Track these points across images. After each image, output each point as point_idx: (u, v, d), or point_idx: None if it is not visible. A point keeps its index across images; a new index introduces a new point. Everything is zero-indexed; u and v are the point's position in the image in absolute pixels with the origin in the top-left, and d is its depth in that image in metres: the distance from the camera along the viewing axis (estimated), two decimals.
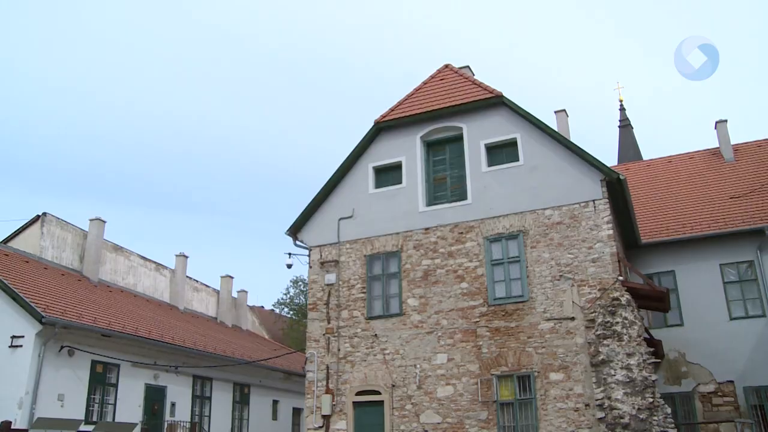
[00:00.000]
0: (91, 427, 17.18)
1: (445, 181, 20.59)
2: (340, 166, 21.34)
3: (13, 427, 14.13)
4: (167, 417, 22.17)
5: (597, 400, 16.42)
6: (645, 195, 25.00)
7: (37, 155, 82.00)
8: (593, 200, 18.22)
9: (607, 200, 18.15)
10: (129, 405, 20.66)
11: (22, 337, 18.01)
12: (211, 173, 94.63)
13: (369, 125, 21.41)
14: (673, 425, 15.79)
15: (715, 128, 26.76)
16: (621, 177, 18.23)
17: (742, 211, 21.97)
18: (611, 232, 17.90)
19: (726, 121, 26.52)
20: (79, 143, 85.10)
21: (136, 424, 18.92)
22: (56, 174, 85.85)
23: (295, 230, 21.57)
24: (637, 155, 33.90)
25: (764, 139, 26.50)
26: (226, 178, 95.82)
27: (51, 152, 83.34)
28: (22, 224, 25.36)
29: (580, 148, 18.62)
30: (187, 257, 32.04)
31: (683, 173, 26.02)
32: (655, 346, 18.47)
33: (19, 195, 75.89)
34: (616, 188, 18.58)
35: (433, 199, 20.48)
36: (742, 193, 23.02)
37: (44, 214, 25.25)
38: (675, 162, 27.10)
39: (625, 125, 35.86)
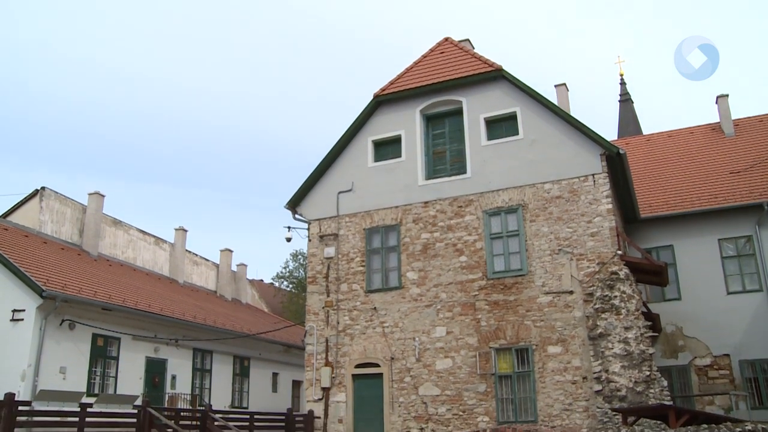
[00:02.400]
0: (93, 399, 17.31)
1: (445, 155, 20.58)
2: (339, 140, 21.31)
3: (16, 399, 14.25)
4: (168, 389, 22.33)
5: (594, 373, 16.57)
6: (644, 169, 24.97)
7: (35, 129, 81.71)
8: (593, 174, 18.24)
9: (606, 174, 18.17)
10: (130, 378, 20.80)
11: (23, 311, 18.07)
12: (210, 147, 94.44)
13: (368, 99, 21.36)
14: (669, 398, 15.95)
15: (716, 103, 26.67)
16: (621, 151, 18.23)
17: (742, 186, 21.97)
18: (610, 206, 17.93)
19: (727, 95, 26.43)
20: (77, 117, 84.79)
21: (138, 396, 19.04)
22: (54, 148, 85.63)
23: (294, 204, 21.60)
24: (637, 130, 33.81)
25: (765, 114, 26.40)
26: (225, 151, 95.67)
27: (49, 126, 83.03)
28: (21, 198, 25.30)
29: (580, 122, 18.60)
30: (186, 231, 32.03)
31: (683, 148, 25.97)
32: (652, 319, 18.59)
33: (17, 169, 75.75)
34: (615, 162, 18.59)
35: (432, 172, 20.48)
36: (742, 168, 23.00)
37: (43, 188, 25.18)
38: (675, 137, 27.04)
39: (625, 99, 35.72)
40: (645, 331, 16.56)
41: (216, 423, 17.66)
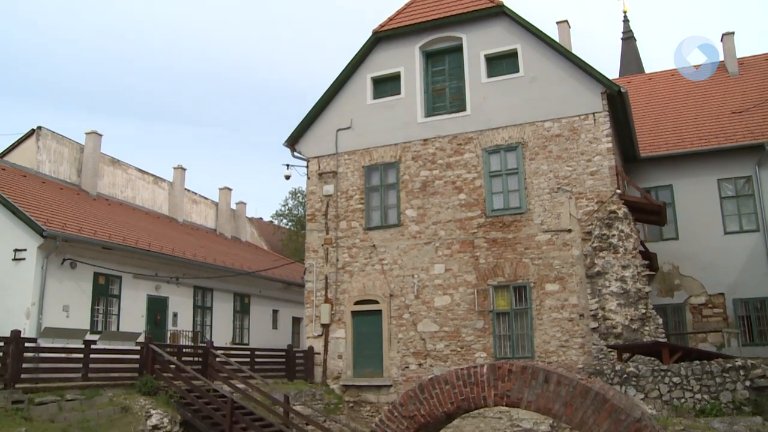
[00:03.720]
0: (96, 337, 17.55)
1: (444, 92, 20.40)
2: (338, 77, 21.09)
3: (21, 336, 14.45)
4: (170, 326, 22.61)
5: (591, 310, 16.80)
6: (646, 108, 24.76)
7: (28, 67, 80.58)
8: (593, 113, 18.13)
9: (607, 113, 18.06)
10: (132, 315, 21.03)
11: (25, 250, 18.16)
12: (208, 85, 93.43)
13: (368, 36, 21.03)
14: (663, 335, 16.23)
15: (722, 41, 26.19)
16: (622, 90, 18.07)
17: (743, 126, 21.81)
18: (610, 145, 17.87)
19: (733, 33, 25.90)
20: (71, 55, 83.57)
21: (140, 333, 19.30)
22: (49, 87, 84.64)
23: (293, 141, 21.51)
24: (639, 68, 33.37)
25: None
26: (223, 89, 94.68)
27: (43, 64, 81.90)
28: (17, 138, 25.09)
29: (581, 59, 18.38)
30: (185, 170, 31.91)
31: (686, 87, 25.66)
32: (649, 258, 18.74)
33: (10, 108, 75.01)
34: (616, 101, 18.44)
35: (431, 110, 20.34)
36: (745, 107, 22.78)
37: (39, 127, 24.93)
38: (678, 75, 26.67)
39: (628, 37, 35.14)
40: (642, 270, 16.73)
41: (218, 359, 17.96)
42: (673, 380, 12.06)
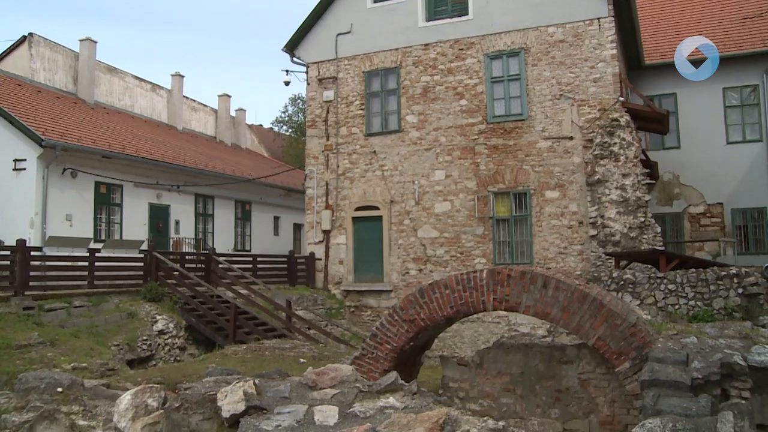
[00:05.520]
0: (100, 245, 17.76)
1: None
2: None
3: (27, 245, 14.63)
4: (172, 234, 22.85)
5: (590, 218, 16.92)
6: (653, 14, 24.04)
7: None
8: (598, 18, 17.70)
9: (612, 19, 17.63)
10: (135, 223, 21.23)
11: (25, 160, 18.15)
12: None
13: None
14: (661, 243, 16.40)
15: None
16: None
17: (754, 33, 21.21)
18: (614, 51, 17.54)
19: None
20: None
21: (143, 241, 19.51)
22: None
23: (292, 47, 21.12)
24: None
25: None
26: None
27: None
28: (9, 46, 24.54)
29: None
30: (183, 77, 31.44)
31: None
32: (650, 167, 18.69)
33: None
34: (622, 6, 17.96)
35: (433, 14, 19.83)
36: (757, 12, 22.09)
37: (31, 34, 24.35)
38: None
39: None
40: (642, 179, 16.74)
41: (220, 266, 18.24)
42: (668, 287, 12.25)
